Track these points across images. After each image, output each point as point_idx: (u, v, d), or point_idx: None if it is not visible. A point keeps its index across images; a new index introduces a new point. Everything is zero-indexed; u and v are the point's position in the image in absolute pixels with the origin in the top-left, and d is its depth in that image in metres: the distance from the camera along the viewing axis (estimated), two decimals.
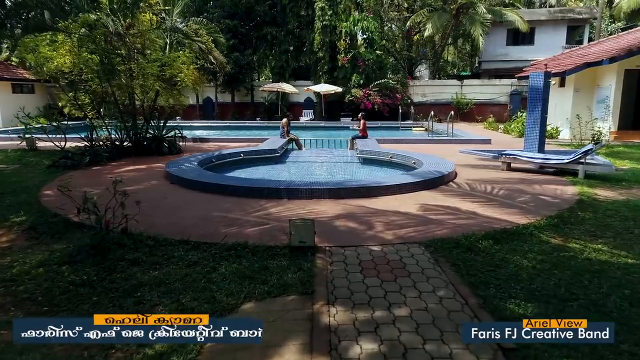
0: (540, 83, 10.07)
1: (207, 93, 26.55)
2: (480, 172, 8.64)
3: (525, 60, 27.76)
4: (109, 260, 4.14)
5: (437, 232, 4.90)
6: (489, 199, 6.45)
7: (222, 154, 10.02)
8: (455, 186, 7.31)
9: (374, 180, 7.11)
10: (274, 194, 6.39)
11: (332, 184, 6.65)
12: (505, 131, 17.40)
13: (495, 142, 13.71)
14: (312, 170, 10.12)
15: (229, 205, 6.06)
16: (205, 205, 6.08)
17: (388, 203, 6.14)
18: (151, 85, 10.74)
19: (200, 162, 8.85)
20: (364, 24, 22.04)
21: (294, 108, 25.36)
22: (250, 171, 9.79)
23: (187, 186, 7.11)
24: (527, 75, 20.39)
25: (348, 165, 10.60)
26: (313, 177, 9.01)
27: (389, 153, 10.17)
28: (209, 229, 4.98)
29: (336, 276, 3.73)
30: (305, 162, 11.13)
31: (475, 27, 22.66)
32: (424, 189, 6.94)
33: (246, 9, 22.96)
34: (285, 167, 10.43)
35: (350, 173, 9.55)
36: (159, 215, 5.55)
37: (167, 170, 7.83)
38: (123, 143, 11.20)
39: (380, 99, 22.54)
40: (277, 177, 8.99)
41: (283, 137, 13.18)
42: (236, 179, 7.43)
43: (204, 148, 12.64)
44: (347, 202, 6.16)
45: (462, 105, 24.53)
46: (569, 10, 28.54)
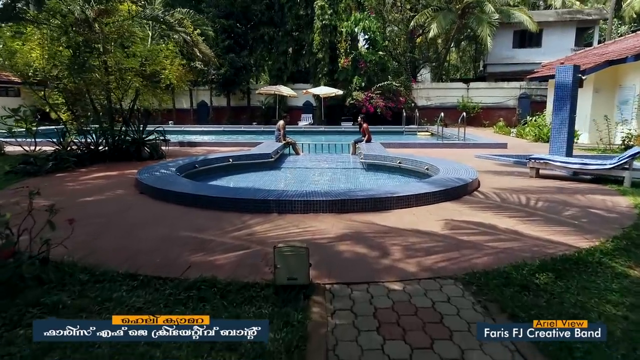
0: (568, 79, 8.86)
1: (202, 97, 25.44)
2: (507, 180, 7.40)
3: (533, 63, 26.70)
4: (16, 305, 2.89)
5: (475, 260, 3.64)
6: (528, 213, 5.20)
7: (208, 158, 8.79)
8: (482, 196, 6.06)
9: (384, 189, 5.86)
10: (261, 207, 5.14)
11: (334, 194, 5.41)
12: (518, 135, 16.20)
13: (510, 147, 12.49)
14: (310, 177, 8.88)
15: (203, 221, 4.82)
16: (174, 221, 4.84)
17: (403, 218, 4.90)
18: (129, 82, 9.56)
19: (179, 168, 7.61)
20: (366, 23, 20.95)
21: (293, 112, 24.20)
22: (238, 179, 8.56)
23: (157, 196, 5.87)
24: (539, 77, 19.30)
25: (351, 172, 9.37)
26: (311, 186, 7.77)
27: (397, 158, 8.94)
28: (170, 256, 3.73)
29: (341, 339, 2.47)
30: (303, 168, 9.91)
31: (482, 27, 21.56)
32: (445, 200, 5.70)
33: (242, 8, 21.90)
34: (279, 174, 9.21)
35: (353, 181, 8.32)
36: (110, 236, 4.30)
37: (137, 178, 6.59)
38: (99, 147, 9.98)
39: (383, 103, 21.39)
40: (269, 186, 7.76)
41: (279, 140, 11.97)
42: (216, 188, 6.17)
43: (191, 153, 11.41)
44: (352, 218, 4.91)
45: (468, 109, 23.35)
46: (577, 12, 27.53)
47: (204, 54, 10.81)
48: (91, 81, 9.20)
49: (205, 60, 11.97)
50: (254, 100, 24.90)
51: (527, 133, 15.09)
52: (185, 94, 25.28)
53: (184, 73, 10.33)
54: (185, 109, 25.49)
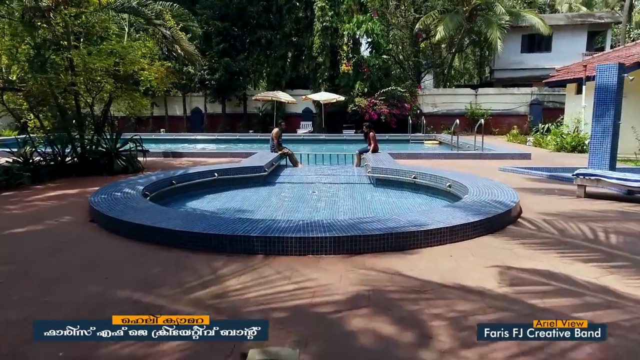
0: (612, 79, 7.57)
1: (196, 103, 24.19)
2: (551, 201, 6.03)
3: (542, 68, 25.50)
4: None
5: (574, 356, 2.26)
6: (606, 253, 3.82)
7: (188, 173, 7.42)
8: (531, 226, 4.68)
9: (406, 218, 4.47)
10: (241, 246, 3.77)
11: (340, 227, 4.02)
12: (536, 144, 14.86)
13: (534, 158, 11.15)
14: (308, 196, 7.51)
15: (157, 269, 3.43)
16: (118, 268, 3.46)
17: (439, 264, 3.52)
18: (100, 84, 8.25)
19: (150, 186, 6.24)
20: (369, 25, 19.74)
21: (291, 119, 22.88)
22: (223, 198, 7.20)
23: (109, 227, 4.50)
24: (555, 82, 17.98)
25: (357, 189, 8.00)
26: (309, 208, 6.39)
27: (410, 171, 7.58)
28: (82, 349, 2.33)
29: None
30: (301, 183, 8.55)
31: (492, 29, 20.36)
32: (487, 233, 4.33)
33: (238, 9, 20.72)
34: (272, 192, 7.84)
35: (361, 201, 6.94)
36: (6, 301, 2.90)
37: (90, 200, 5.22)
38: (65, 159, 8.63)
39: (387, 109, 20.12)
40: (259, 207, 6.39)
41: (274, 151, 10.63)
42: (184, 217, 4.72)
43: (175, 165, 10.06)
44: (367, 263, 3.53)
45: (476, 116, 22.05)
46: (588, 15, 26.41)
47: (187, 51, 9.47)
48: (57, 83, 7.87)
49: (190, 59, 10.58)
50: (251, 107, 23.64)
51: (548, 142, 13.75)
52: (179, 100, 24.05)
53: (165, 74, 9.01)
54: (178, 116, 24.23)
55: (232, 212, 6.09)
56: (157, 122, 23.87)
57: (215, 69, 20.74)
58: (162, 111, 24.01)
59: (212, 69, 20.77)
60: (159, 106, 24.04)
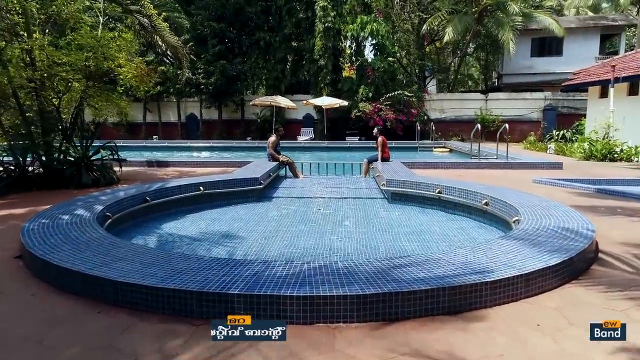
0: None
1: (191, 109, 22.99)
2: (624, 225, 4.73)
3: (553, 72, 24.40)
4: None
5: None
6: None
7: (167, 187, 6.12)
8: (625, 266, 3.37)
9: (456, 259, 3.13)
10: (215, 310, 2.46)
11: (364, 276, 2.70)
12: (558, 152, 13.60)
13: (565, 167, 9.87)
14: (312, 214, 6.21)
15: (76, 348, 2.13)
16: (13, 347, 2.16)
17: (522, 341, 2.21)
18: (68, 81, 7.00)
19: (112, 206, 4.94)
20: (374, 26, 18.60)
21: (291, 126, 21.67)
22: (208, 218, 5.91)
23: (34, 269, 3.20)
24: (577, 84, 16.71)
25: (369, 205, 6.70)
26: (314, 234, 5.08)
27: (434, 185, 6.29)
28: None
29: None
30: (302, 198, 7.25)
31: (503, 30, 19.19)
32: (570, 279, 3.03)
33: (235, 10, 19.60)
34: (269, 209, 6.53)
35: (378, 223, 5.63)
36: None
37: (23, 228, 3.91)
38: (26, 169, 7.35)
39: (393, 115, 18.91)
40: (250, 232, 5.09)
41: (271, 160, 9.36)
42: (138, 255, 3.27)
43: (158, 176, 8.77)
44: (411, 340, 2.23)
45: (487, 122, 20.83)
46: (601, 17, 25.35)
47: (169, 44, 8.19)
48: (9, 80, 6.61)
49: (174, 54, 9.28)
50: (249, 113, 22.42)
51: (574, 149, 12.47)
52: (173, 105, 22.86)
53: (146, 72, 7.77)
54: (172, 122, 23.02)
55: (216, 239, 4.80)
56: (150, 129, 22.65)
57: (211, 73, 19.57)
58: (156, 117, 22.81)
59: (208, 72, 19.60)
60: (152, 112, 22.86)
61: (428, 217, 5.90)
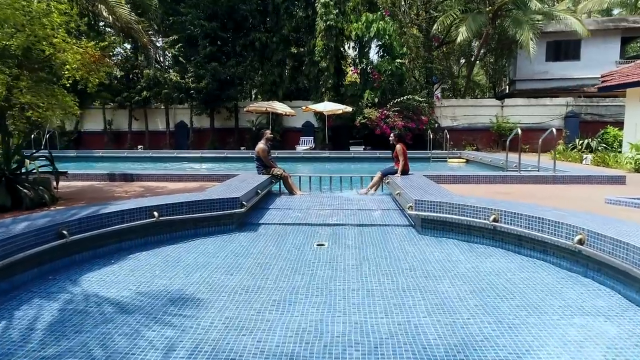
0: None
1: (180, 116, 21.21)
2: None
3: (570, 78, 22.68)
4: None
5: None
6: None
7: (101, 214, 4.22)
8: None
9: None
10: None
11: None
12: (596, 162, 11.74)
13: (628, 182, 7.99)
14: (311, 254, 4.29)
15: None
16: None
17: None
18: None
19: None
20: (380, 25, 16.91)
21: (290, 134, 19.90)
22: (157, 264, 3.99)
23: None
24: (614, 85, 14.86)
25: (392, 239, 4.79)
26: (314, 301, 3.14)
27: (486, 209, 4.38)
28: None
29: None
30: (299, 225, 5.33)
31: (522, 30, 17.49)
32: None
33: (228, 7, 17.95)
34: (250, 248, 4.59)
35: (414, 278, 3.70)
36: None
37: None
38: None
39: (401, 122, 17.11)
40: (216, 297, 3.17)
41: (262, 173, 7.49)
42: None
43: (117, 193, 6.86)
44: None
45: (503, 131, 19.04)
46: (621, 19, 23.70)
47: (122, 20, 6.24)
48: None
49: (130, 33, 7.38)
50: (243, 121, 20.63)
51: (625, 162, 10.59)
52: (161, 113, 21.10)
53: (96, 58, 5.94)
54: (160, 131, 21.21)
55: (157, 308, 2.89)
56: (137, 137, 20.84)
57: (201, 76, 17.84)
58: (142, 125, 21.02)
59: (198, 75, 17.87)
60: (138, 120, 21.09)
61: (483, 261, 3.98)
